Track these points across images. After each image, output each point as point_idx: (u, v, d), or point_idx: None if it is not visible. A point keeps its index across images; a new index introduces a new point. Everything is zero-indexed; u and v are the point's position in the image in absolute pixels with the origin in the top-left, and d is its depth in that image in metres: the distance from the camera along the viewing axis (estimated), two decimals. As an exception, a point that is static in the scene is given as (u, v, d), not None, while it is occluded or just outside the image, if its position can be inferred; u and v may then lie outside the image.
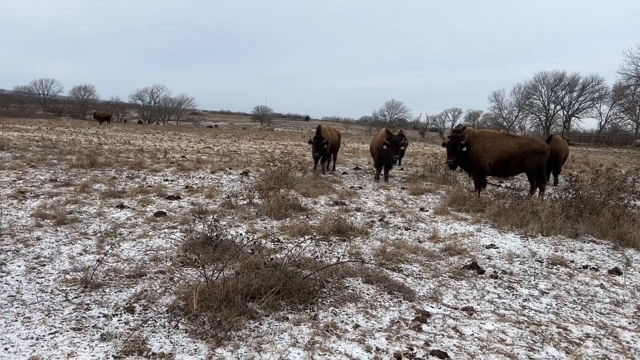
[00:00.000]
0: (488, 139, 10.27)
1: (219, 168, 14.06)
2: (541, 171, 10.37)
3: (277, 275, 4.21)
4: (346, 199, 9.70)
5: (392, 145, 12.48)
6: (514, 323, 4.04)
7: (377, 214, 8.30)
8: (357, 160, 20.53)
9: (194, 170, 13.47)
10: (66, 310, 3.80)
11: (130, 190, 9.34)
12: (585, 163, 22.90)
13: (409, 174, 14.90)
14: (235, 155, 19.35)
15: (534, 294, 4.77)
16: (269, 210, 7.62)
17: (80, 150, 16.95)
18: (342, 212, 8.25)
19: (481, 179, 10.46)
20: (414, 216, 8.26)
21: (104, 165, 12.99)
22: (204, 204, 8.29)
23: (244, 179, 12.09)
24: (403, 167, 17.91)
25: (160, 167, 13.73)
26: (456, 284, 4.95)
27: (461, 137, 10.15)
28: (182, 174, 12.54)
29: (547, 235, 7.09)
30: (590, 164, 22.08)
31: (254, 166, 15.25)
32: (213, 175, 12.52)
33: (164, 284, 4.47)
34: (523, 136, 13.59)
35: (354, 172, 15.55)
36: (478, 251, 6.21)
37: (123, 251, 5.44)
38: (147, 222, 6.85)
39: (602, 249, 6.57)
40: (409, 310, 4.19)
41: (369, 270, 4.97)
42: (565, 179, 10.26)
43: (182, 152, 19.79)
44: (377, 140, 13.48)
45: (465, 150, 10.04)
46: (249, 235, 6.23)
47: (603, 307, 4.52)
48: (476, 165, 10.21)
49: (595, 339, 3.81)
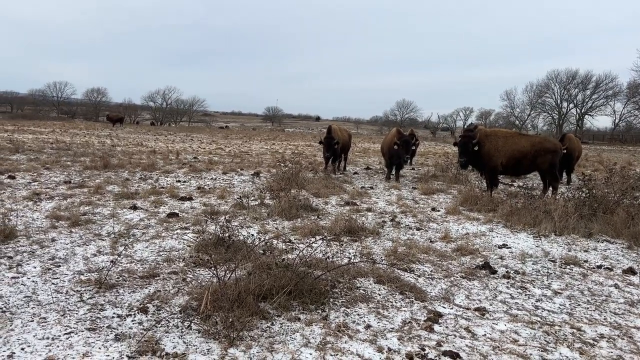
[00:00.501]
0: (500, 138, 10.20)
1: (231, 169, 14.13)
2: (554, 170, 10.28)
3: (289, 276, 4.22)
4: (357, 199, 9.70)
5: (403, 145, 12.44)
6: (527, 323, 4.02)
7: (388, 214, 8.29)
8: (368, 160, 20.50)
9: (206, 171, 13.56)
10: (81, 311, 3.85)
11: (143, 191, 9.42)
12: (599, 162, 22.64)
13: (420, 174, 14.85)
14: (246, 156, 19.42)
15: (547, 294, 4.73)
16: (280, 210, 7.65)
17: (93, 152, 17.14)
18: (353, 212, 8.25)
19: (493, 179, 10.40)
20: (426, 216, 8.24)
21: (117, 167, 13.11)
22: (216, 205, 8.34)
23: (255, 179, 12.14)
24: (414, 166, 17.86)
25: (172, 168, 13.84)
26: (468, 284, 4.93)
27: (473, 137, 10.09)
28: (194, 175, 12.63)
29: (560, 234, 7.03)
30: (604, 162, 21.83)
31: (265, 167, 15.30)
32: (225, 176, 12.59)
33: (176, 284, 4.51)
34: (535, 135, 13.49)
35: (364, 172, 15.54)
36: (490, 251, 6.18)
37: (136, 252, 5.50)
38: (159, 223, 6.91)
39: (616, 249, 6.50)
40: (420, 311, 4.18)
41: (380, 271, 4.97)
42: (578, 178, 10.17)
43: (193, 153, 19.91)
44: (388, 140, 13.46)
45: (476, 149, 9.99)
46: (261, 235, 6.26)
47: (617, 307, 4.48)
48: (488, 165, 10.14)
49: (609, 340, 3.78)
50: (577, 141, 15.36)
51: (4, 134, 24.53)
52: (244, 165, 15.47)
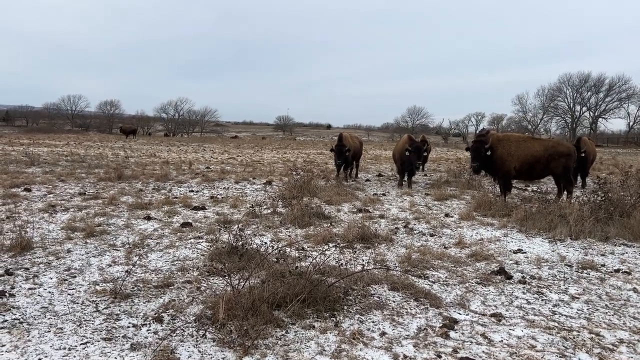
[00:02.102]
0: (512, 143, 10.14)
1: (243, 178, 14.18)
2: (568, 174, 10.18)
3: (302, 284, 4.22)
4: (369, 206, 9.67)
5: (415, 151, 12.43)
6: (544, 329, 3.97)
7: (401, 221, 8.25)
8: (380, 167, 20.47)
9: (219, 180, 13.63)
10: (97, 321, 3.88)
11: (157, 201, 9.49)
12: (614, 165, 22.38)
13: (433, 180, 14.79)
14: (258, 165, 19.50)
15: (564, 299, 4.67)
16: (293, 218, 7.66)
17: (107, 164, 17.32)
18: (366, 219, 8.23)
19: (506, 183, 10.32)
20: (439, 222, 8.19)
21: (131, 178, 13.23)
22: (229, 214, 8.37)
23: (267, 188, 12.17)
24: (426, 173, 17.79)
25: (185, 178, 13.93)
26: (484, 290, 4.89)
27: (485, 141, 10.04)
28: (207, 184, 12.70)
29: (576, 239, 6.94)
30: (620, 165, 21.57)
31: (277, 175, 15.34)
32: (237, 185, 12.64)
33: (191, 293, 4.53)
34: (548, 139, 13.38)
35: (376, 179, 15.51)
36: (505, 256, 6.12)
37: (151, 262, 5.53)
38: (173, 233, 6.95)
39: (634, 252, 6.40)
40: (435, 317, 4.15)
41: (394, 278, 4.95)
42: (593, 181, 10.05)
43: (206, 163, 20.04)
44: (399, 146, 13.44)
45: (489, 154, 9.93)
46: (274, 244, 6.27)
47: (637, 311, 4.40)
48: (501, 170, 10.07)
49: (629, 345, 3.71)
50: (591, 144, 15.21)
51: (19, 148, 24.90)
52: (256, 174, 15.53)
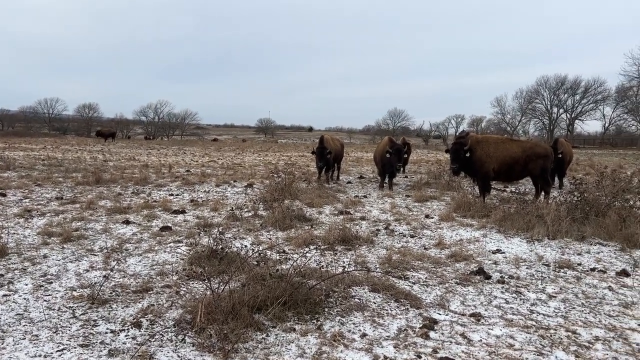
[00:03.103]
0: (491, 144, 10.26)
1: (224, 181, 14.09)
2: (545, 175, 10.34)
3: (283, 286, 4.21)
4: (351, 208, 9.70)
5: (395, 153, 12.50)
6: (522, 328, 4.02)
7: (382, 222, 8.29)
8: (361, 169, 20.54)
9: (199, 184, 13.52)
10: (73, 327, 3.82)
11: (136, 205, 9.38)
12: (590, 165, 22.81)
13: (413, 182, 14.89)
14: (239, 168, 19.40)
15: (542, 298, 4.74)
16: (274, 221, 7.63)
17: (85, 168, 17.06)
18: (347, 221, 8.24)
19: (485, 184, 10.44)
20: (419, 223, 8.24)
21: (109, 182, 13.06)
22: (209, 217, 8.31)
23: (248, 191, 12.12)
24: (407, 174, 17.90)
25: (165, 181, 13.79)
26: (463, 290, 4.93)
27: (464, 143, 10.15)
28: (187, 188, 12.59)
29: (553, 238, 7.06)
30: (595, 166, 22.00)
31: (258, 178, 15.28)
32: (218, 189, 12.56)
33: (170, 298, 4.48)
34: (526, 140, 13.57)
35: (358, 181, 15.56)
36: (484, 256, 6.19)
37: (129, 266, 5.46)
38: (152, 237, 6.88)
39: (609, 251, 6.53)
40: (416, 318, 4.17)
41: (375, 279, 4.97)
42: (570, 182, 10.23)
43: (186, 166, 19.87)
44: (380, 148, 13.51)
45: (468, 155, 10.04)
46: (254, 247, 6.24)
47: (612, 309, 4.49)
48: (480, 171, 10.19)
49: (604, 342, 3.78)
50: (568, 145, 15.49)
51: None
52: (237, 177, 15.45)
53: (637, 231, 6.83)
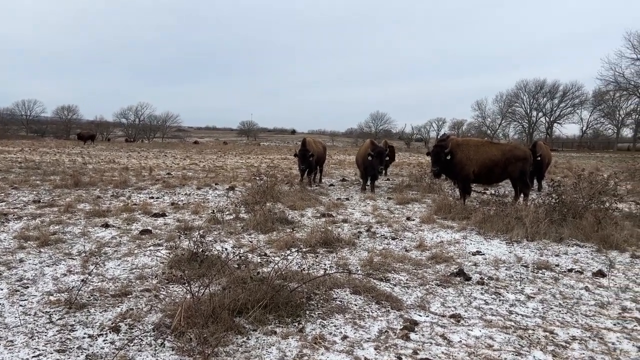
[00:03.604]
0: (471, 147, 10.38)
1: (205, 184, 13.99)
2: (524, 177, 10.49)
3: (264, 289, 4.19)
4: (333, 210, 9.71)
5: (377, 156, 12.57)
6: (501, 328, 4.06)
7: (364, 225, 8.31)
8: (344, 172, 20.58)
9: (180, 186, 13.40)
10: (50, 332, 3.75)
11: (115, 208, 9.26)
12: (568, 168, 23.19)
13: (395, 184, 14.97)
14: (221, 171, 19.29)
15: (521, 299, 4.80)
16: (256, 224, 7.60)
17: (64, 171, 16.80)
18: (329, 223, 8.24)
19: (466, 187, 10.55)
20: (401, 225, 8.29)
21: (88, 185, 12.87)
22: (190, 220, 8.24)
23: (230, 193, 12.05)
24: (389, 177, 17.99)
25: (145, 184, 13.65)
26: (443, 291, 4.97)
27: (445, 146, 10.24)
28: (168, 190, 12.47)
29: (532, 240, 7.15)
30: (573, 168, 22.37)
31: (240, 181, 15.21)
32: (199, 191, 12.47)
33: (149, 302, 4.43)
34: (506, 143, 13.77)
35: (340, 183, 15.59)
36: (464, 258, 6.25)
37: (108, 270, 5.38)
38: (132, 240, 6.79)
39: (586, 252, 6.64)
40: (397, 320, 4.19)
41: (356, 281, 4.98)
42: (548, 184, 10.38)
43: (167, 169, 19.69)
44: (362, 151, 13.56)
45: (449, 158, 10.13)
46: (236, 250, 6.21)
47: (588, 309, 4.56)
48: (460, 173, 10.29)
49: (581, 341, 3.84)
50: (547, 149, 15.73)
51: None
52: (219, 180, 15.36)
53: (612, 232, 6.97)
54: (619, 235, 6.90)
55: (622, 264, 6.09)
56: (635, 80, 50.59)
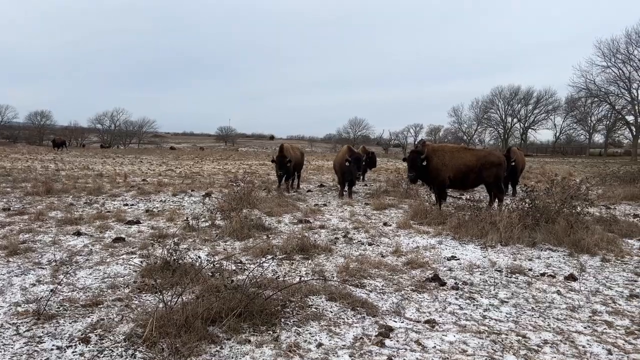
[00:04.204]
0: (447, 153, 10.49)
1: (181, 190, 13.83)
2: (499, 182, 10.64)
3: (239, 297, 4.15)
4: (310, 216, 9.69)
5: (355, 162, 12.60)
6: (475, 333, 4.09)
7: (341, 231, 8.32)
8: (322, 177, 20.59)
9: (155, 193, 13.22)
10: (17, 345, 3.64)
11: (88, 216, 9.09)
12: (542, 173, 23.62)
13: (373, 190, 15.04)
14: (197, 177, 19.11)
15: (494, 304, 4.85)
16: (232, 231, 7.53)
17: (35, 178, 16.42)
18: (306, 230, 8.23)
19: (441, 192, 10.65)
20: (377, 231, 8.31)
21: (61, 192, 12.60)
22: (165, 228, 8.13)
23: (206, 200, 11.93)
24: (367, 182, 18.06)
25: (119, 191, 13.42)
26: (418, 297, 4.99)
27: (421, 152, 10.33)
28: (143, 197, 12.29)
29: (506, 245, 7.24)
30: (547, 174, 22.78)
31: (217, 187, 15.09)
32: (174, 198, 12.32)
33: (121, 311, 4.34)
34: (480, 149, 13.95)
35: (318, 189, 15.59)
36: (440, 263, 6.29)
37: (79, 280, 5.27)
38: (105, 249, 6.67)
39: (558, 256, 6.75)
40: (372, 326, 4.19)
41: (332, 288, 4.96)
42: (522, 189, 10.55)
43: (142, 175, 19.42)
44: (339, 157, 13.59)
45: (425, 164, 10.22)
46: (210, 257, 6.14)
47: (560, 313, 4.63)
48: (436, 179, 10.39)
49: (552, 345, 3.89)
50: (521, 154, 16.01)
51: (-63, 161, 23.19)
52: (195, 186, 15.20)
53: (584, 237, 7.10)
54: (590, 240, 7.03)
55: (592, 268, 6.20)
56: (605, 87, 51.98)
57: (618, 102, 54.10)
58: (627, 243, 7.57)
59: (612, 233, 8.00)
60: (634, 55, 48.70)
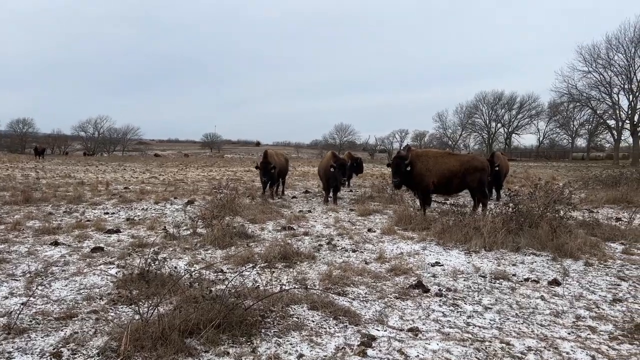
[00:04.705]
0: (430, 158, 10.48)
1: (164, 198, 13.63)
2: (483, 187, 10.64)
3: (217, 308, 4.04)
4: (294, 223, 9.59)
5: (340, 167, 12.56)
6: (459, 341, 4.03)
7: (325, 237, 8.23)
8: (307, 183, 20.51)
9: (137, 201, 13.01)
10: (-16, 361, 3.50)
11: (67, 225, 8.89)
12: (526, 178, 23.79)
13: (358, 196, 14.98)
14: (181, 184, 18.91)
15: (478, 310, 4.80)
16: (213, 239, 7.40)
17: (15, 186, 16.09)
18: (290, 237, 8.14)
19: (426, 197, 10.62)
20: (362, 237, 8.25)
21: (40, 201, 12.35)
22: (145, 237, 7.97)
23: (188, 208, 11.77)
24: (352, 188, 18.01)
25: (101, 199, 13.20)
26: (402, 304, 4.92)
27: (405, 157, 10.31)
28: (124, 206, 12.08)
29: (489, 250, 7.22)
30: (531, 178, 22.95)
31: (200, 194, 14.92)
32: (156, 206, 12.13)
33: (96, 324, 4.21)
34: (464, 154, 14.00)
35: (303, 195, 15.50)
36: (423, 270, 6.24)
37: (54, 291, 5.11)
38: (82, 259, 6.50)
39: (542, 261, 6.74)
40: (354, 335, 4.11)
41: (314, 296, 4.87)
42: (506, 194, 10.57)
43: (125, 183, 19.16)
44: (324, 163, 13.53)
45: (409, 169, 10.19)
46: (191, 266, 6.02)
47: (544, 319, 4.59)
48: (420, 184, 10.36)
49: (536, 352, 3.84)
50: (504, 159, 16.09)
51: None
52: (178, 194, 15.01)
53: (567, 241, 7.10)
54: (573, 244, 7.03)
55: (576, 272, 6.19)
56: (587, 92, 52.62)
57: (600, 106, 54.78)
58: (610, 247, 7.60)
59: (595, 237, 8.02)
60: (614, 60, 49.41)
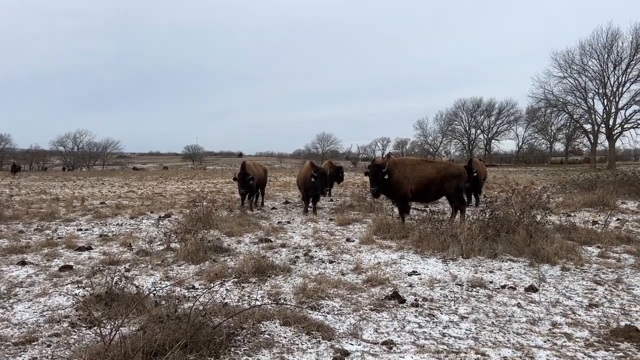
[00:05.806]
0: (408, 166, 10.44)
1: (140, 212, 13.37)
2: (460, 194, 10.63)
3: (184, 327, 3.89)
4: (272, 235, 9.45)
5: (320, 177, 12.46)
6: (433, 353, 3.94)
7: (302, 249, 8.11)
8: (288, 194, 20.36)
9: (112, 216, 12.73)
10: None
11: (37, 243, 8.62)
12: (505, 183, 23.95)
13: (338, 205, 14.89)
14: (159, 198, 18.61)
15: (454, 320, 4.71)
16: (187, 254, 7.21)
17: (-14, 204, 15.66)
18: (267, 249, 7.99)
19: (404, 205, 10.57)
20: (340, 248, 8.13)
21: (11, 219, 12.00)
22: (118, 253, 7.74)
23: (164, 221, 11.53)
24: (332, 197, 17.92)
25: (75, 216, 12.88)
26: (377, 316, 4.82)
27: (382, 165, 10.26)
28: (99, 221, 11.80)
29: (467, 257, 7.16)
30: (510, 183, 23.11)
31: (178, 208, 14.67)
32: (132, 221, 11.87)
33: (57, 348, 4.02)
34: (441, 161, 14.03)
35: (283, 206, 15.35)
36: (400, 279, 6.14)
37: (15, 314, 4.90)
38: (49, 279, 6.27)
39: (519, 267, 6.69)
40: (327, 351, 3.99)
41: (287, 311, 4.74)
42: (482, 200, 10.58)
43: (102, 198, 18.80)
44: (302, 173, 13.42)
45: (386, 177, 10.14)
46: (161, 283, 5.84)
47: (520, 327, 4.52)
48: (398, 192, 10.32)
49: (512, 362, 3.76)
50: (482, 165, 16.18)
51: None
52: (155, 208, 14.75)
53: (543, 246, 7.07)
54: (549, 249, 7.01)
55: (553, 278, 6.16)
56: (563, 97, 53.42)
57: (576, 111, 55.68)
58: (587, 250, 7.60)
59: (571, 241, 8.03)
60: (588, 66, 50.30)
